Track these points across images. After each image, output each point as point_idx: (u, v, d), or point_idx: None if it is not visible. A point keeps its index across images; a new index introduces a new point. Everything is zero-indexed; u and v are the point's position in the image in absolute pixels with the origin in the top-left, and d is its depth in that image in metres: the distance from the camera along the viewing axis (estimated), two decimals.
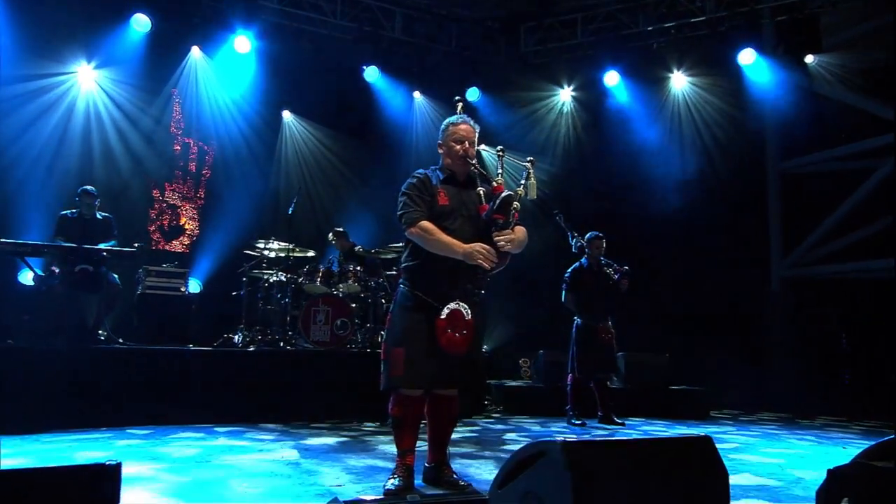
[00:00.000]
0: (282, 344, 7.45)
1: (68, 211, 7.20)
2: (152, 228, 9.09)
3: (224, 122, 9.39)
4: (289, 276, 7.84)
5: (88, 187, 7.26)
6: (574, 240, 7.58)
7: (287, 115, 10.05)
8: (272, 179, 9.70)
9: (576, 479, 2.58)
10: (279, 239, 7.90)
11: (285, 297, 7.75)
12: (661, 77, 10.30)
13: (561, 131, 10.78)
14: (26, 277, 6.94)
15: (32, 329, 6.40)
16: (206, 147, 9.47)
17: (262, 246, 7.89)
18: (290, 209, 7.80)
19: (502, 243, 3.65)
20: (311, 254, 8.30)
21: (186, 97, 9.27)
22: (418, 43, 9.99)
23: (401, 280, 3.95)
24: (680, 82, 10.26)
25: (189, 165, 9.38)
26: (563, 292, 7.53)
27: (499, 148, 3.98)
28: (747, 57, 9.51)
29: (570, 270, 7.56)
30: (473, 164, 3.89)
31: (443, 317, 3.62)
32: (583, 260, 7.57)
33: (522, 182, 3.83)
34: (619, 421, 7.22)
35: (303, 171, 9.95)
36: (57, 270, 6.77)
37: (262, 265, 8.09)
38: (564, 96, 10.86)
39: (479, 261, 3.60)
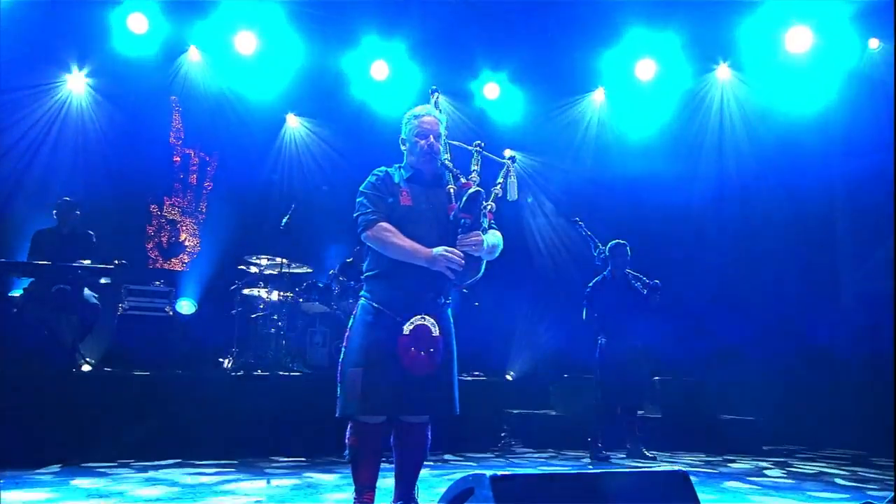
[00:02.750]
0: (272, 370, 6.75)
1: (45, 227, 6.70)
2: (150, 246, 8.54)
3: (227, 128, 8.79)
4: (284, 294, 7.22)
5: (66, 198, 6.75)
6: (597, 250, 6.86)
7: (291, 120, 9.39)
8: (276, 189, 9.02)
9: None
10: (275, 254, 7.25)
11: (281, 317, 7.13)
12: None
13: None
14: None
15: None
16: (207, 157, 8.92)
17: (255, 262, 7.28)
18: (283, 222, 7.16)
19: (468, 247, 3.34)
20: (307, 270, 7.63)
21: (186, 104, 8.73)
22: None
23: (361, 292, 3.59)
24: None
25: (190, 178, 8.82)
26: (584, 309, 6.81)
27: (476, 143, 3.57)
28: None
29: (591, 284, 6.85)
30: (442, 160, 3.56)
31: (406, 333, 3.31)
32: (606, 272, 6.85)
33: (500, 181, 3.54)
34: (651, 454, 6.40)
35: (307, 177, 9.23)
36: (29, 290, 6.33)
37: (259, 283, 7.47)
38: None
39: (444, 266, 3.32)
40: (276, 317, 7.14)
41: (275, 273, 7.26)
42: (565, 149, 9.50)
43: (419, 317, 3.35)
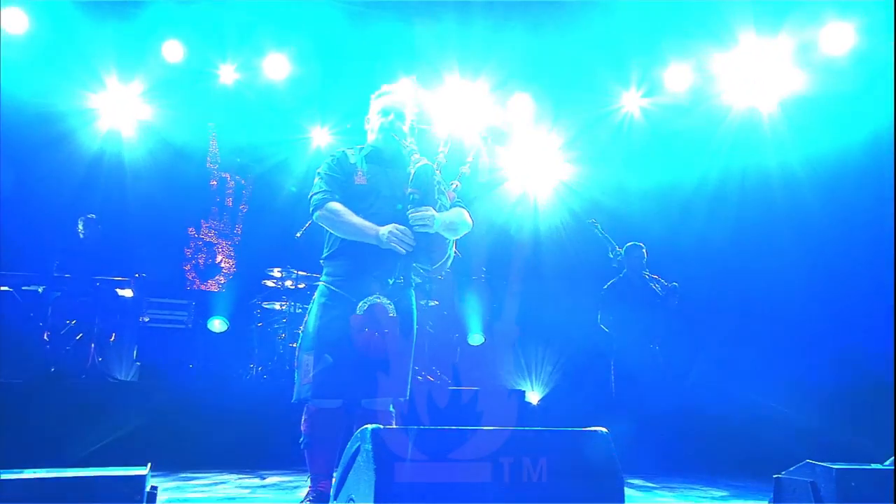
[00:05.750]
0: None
1: (69, 240, 7.12)
2: (188, 268, 8.86)
3: (262, 151, 9.07)
4: (304, 305, 7.29)
5: (91, 215, 7.15)
6: (613, 252, 6.71)
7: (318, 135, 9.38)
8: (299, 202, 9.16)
9: (380, 470, 2.39)
10: (293, 266, 7.36)
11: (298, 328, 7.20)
12: None
13: None
14: None
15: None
16: (242, 181, 9.21)
17: (273, 275, 7.41)
18: (300, 233, 7.26)
19: (417, 222, 3.33)
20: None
21: (222, 129, 9.05)
22: None
23: (321, 275, 3.62)
24: None
25: (226, 200, 9.13)
26: (600, 312, 6.64)
27: (448, 133, 3.78)
28: None
29: (606, 286, 6.67)
30: (404, 142, 3.53)
31: (359, 313, 3.31)
32: (622, 274, 6.68)
33: (469, 160, 3.62)
34: None
35: None
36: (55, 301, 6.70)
37: (283, 297, 7.58)
38: None
39: (394, 244, 3.30)
40: (298, 330, 7.22)
41: (290, 286, 7.35)
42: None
43: (374, 296, 3.33)
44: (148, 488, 2.31)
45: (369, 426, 2.45)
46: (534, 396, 8.13)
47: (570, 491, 2.55)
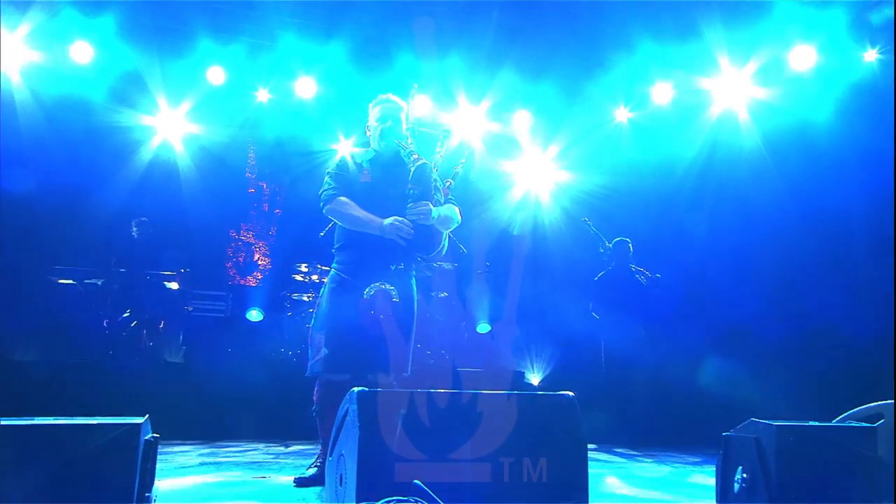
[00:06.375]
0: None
1: (124, 239, 8.00)
2: (229, 265, 9.83)
3: (293, 161, 9.90)
4: None
5: (143, 217, 8.06)
6: (603, 248, 7.34)
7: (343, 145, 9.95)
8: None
9: (363, 428, 2.51)
10: (321, 263, 8.18)
11: None
12: None
13: None
14: None
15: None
16: (277, 188, 10.14)
17: (300, 269, 8.26)
18: (323, 232, 8.07)
19: (416, 215, 3.62)
20: None
21: (259, 142, 9.96)
22: None
23: (332, 263, 4.01)
24: None
25: (262, 206, 10.09)
26: (591, 301, 7.27)
27: (444, 129, 3.99)
28: None
29: (596, 278, 7.30)
30: (399, 141, 3.86)
31: (366, 297, 3.61)
32: (610, 267, 7.30)
33: (462, 160, 3.94)
34: None
35: None
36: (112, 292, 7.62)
37: (309, 290, 8.40)
38: None
39: (394, 234, 3.59)
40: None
41: (316, 279, 8.20)
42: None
43: (379, 283, 3.65)
44: (149, 437, 2.34)
45: (356, 388, 2.60)
46: (535, 378, 8.79)
47: (536, 448, 2.66)
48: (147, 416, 2.37)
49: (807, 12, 7.34)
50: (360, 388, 2.59)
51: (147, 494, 2.22)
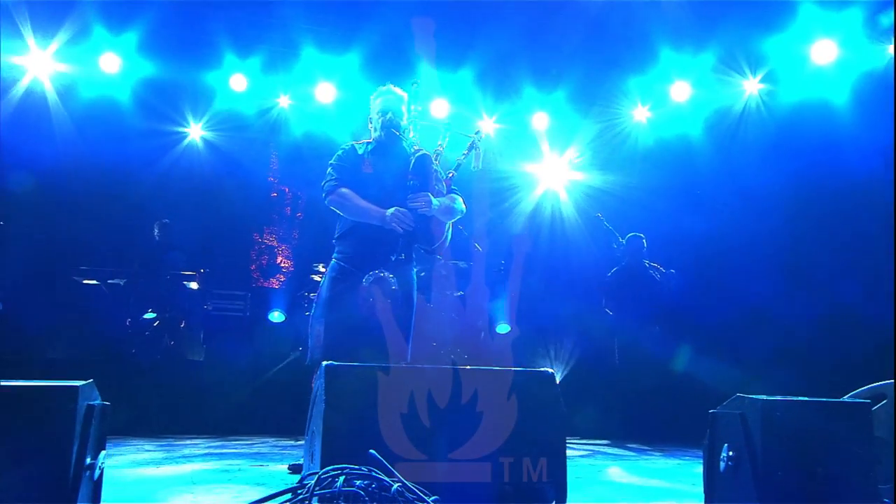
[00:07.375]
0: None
1: (152, 242, 8.17)
2: (253, 267, 9.98)
3: (316, 165, 9.99)
4: None
5: (165, 220, 8.24)
6: (616, 243, 7.33)
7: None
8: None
9: (329, 402, 2.56)
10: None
11: None
12: None
13: None
14: None
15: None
16: (299, 193, 10.28)
17: (317, 270, 8.35)
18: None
19: (417, 206, 3.68)
20: None
21: (281, 147, 10.08)
22: None
23: (333, 253, 4.04)
24: None
25: (285, 209, 10.23)
26: (604, 297, 7.25)
27: (446, 124, 4.10)
28: None
29: (609, 274, 7.28)
30: (400, 132, 3.92)
31: (365, 285, 3.66)
32: (623, 263, 7.27)
33: (465, 151, 3.95)
34: None
35: None
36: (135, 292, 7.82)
37: None
38: None
39: (395, 224, 3.64)
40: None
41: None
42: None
43: (379, 271, 3.67)
44: (95, 403, 2.23)
45: (325, 362, 2.64)
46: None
47: (511, 422, 2.73)
48: (91, 380, 2.25)
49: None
50: (328, 363, 2.61)
51: (92, 462, 2.16)
